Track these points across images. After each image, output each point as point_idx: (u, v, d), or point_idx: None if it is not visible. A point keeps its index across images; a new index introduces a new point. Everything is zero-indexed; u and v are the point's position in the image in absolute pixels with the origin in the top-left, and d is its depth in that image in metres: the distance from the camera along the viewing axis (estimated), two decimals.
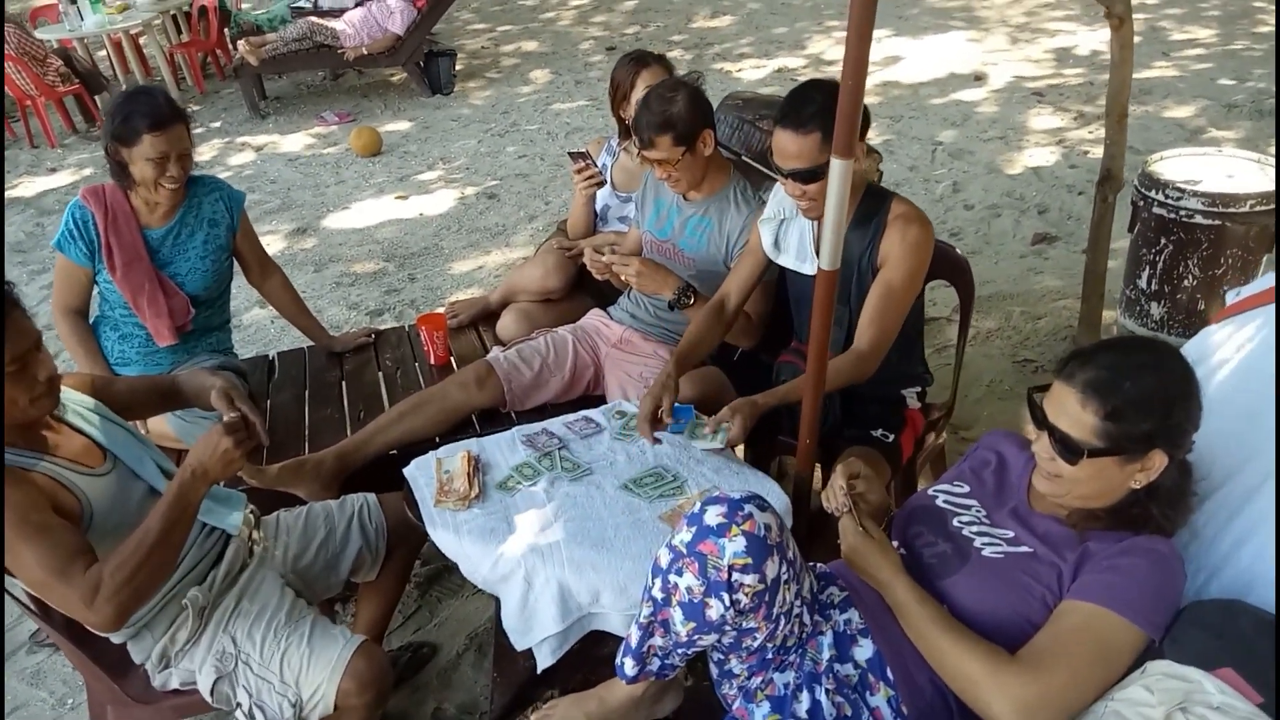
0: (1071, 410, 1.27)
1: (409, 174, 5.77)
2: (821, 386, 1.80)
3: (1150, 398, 1.25)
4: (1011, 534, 1.37)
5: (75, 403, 1.67)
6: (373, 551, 1.97)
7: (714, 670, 1.48)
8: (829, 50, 7.50)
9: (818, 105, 1.84)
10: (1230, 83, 5.73)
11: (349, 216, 5.19)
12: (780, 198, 2.10)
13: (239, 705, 1.62)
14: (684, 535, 1.26)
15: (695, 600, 1.24)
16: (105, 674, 1.61)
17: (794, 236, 2.12)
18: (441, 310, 2.85)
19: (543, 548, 1.73)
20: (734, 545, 1.22)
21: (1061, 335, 3.24)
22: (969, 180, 4.78)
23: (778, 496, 1.85)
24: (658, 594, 1.30)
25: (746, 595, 1.22)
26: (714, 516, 1.25)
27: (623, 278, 2.27)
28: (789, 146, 1.88)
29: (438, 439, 2.26)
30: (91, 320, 2.42)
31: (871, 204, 2.00)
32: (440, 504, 1.84)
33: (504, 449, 2.03)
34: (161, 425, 2.21)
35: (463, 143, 6.27)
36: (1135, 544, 1.28)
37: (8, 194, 5.91)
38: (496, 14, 9.75)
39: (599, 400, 2.44)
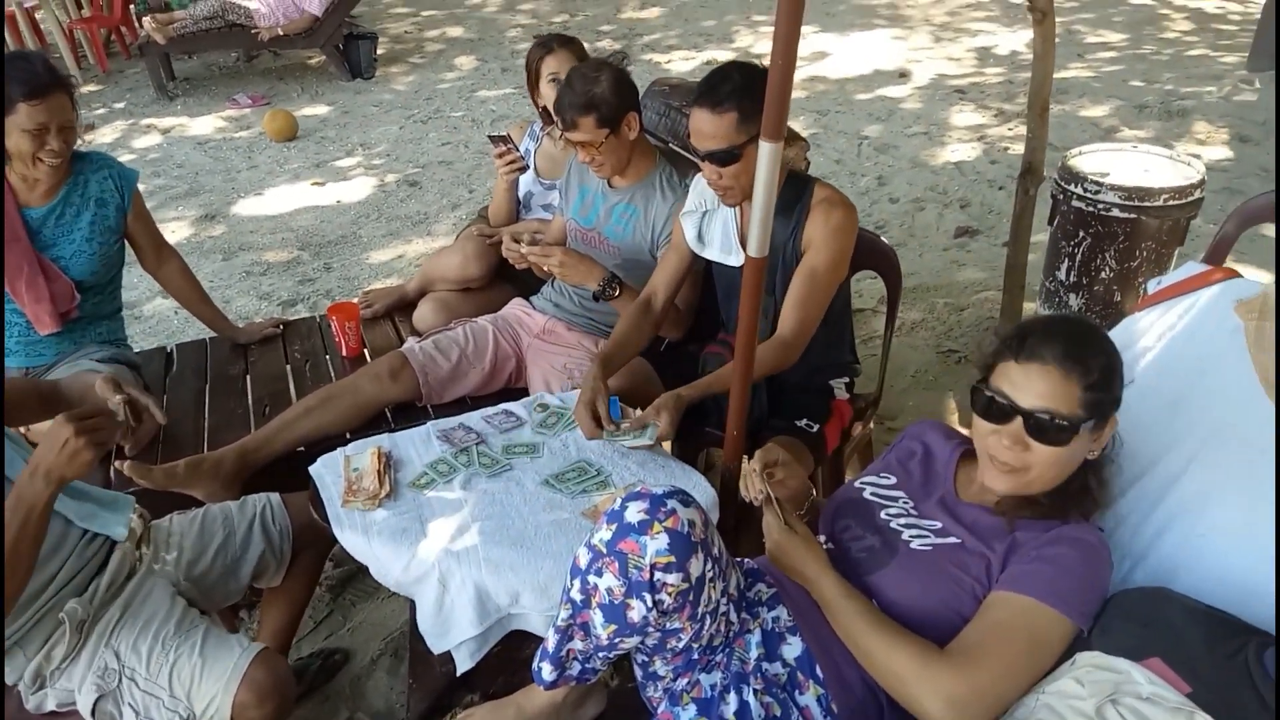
0: (1053, 387, 1.21)
1: (326, 160, 5.56)
2: (749, 377, 1.75)
3: (1112, 361, 1.25)
4: (939, 525, 1.34)
5: None
6: (277, 555, 1.85)
7: (638, 672, 1.41)
8: (757, 45, 7.52)
9: (735, 84, 1.79)
10: (1140, 84, 5.92)
11: (261, 203, 4.96)
12: (701, 189, 2.04)
13: None
14: (604, 534, 1.19)
15: (616, 602, 1.17)
16: None
17: (717, 228, 2.06)
18: (355, 300, 2.71)
19: (458, 549, 1.63)
20: (656, 543, 1.15)
21: (984, 326, 3.28)
22: (894, 174, 4.82)
23: (704, 490, 1.80)
24: (576, 596, 1.22)
25: (670, 595, 1.16)
26: (635, 513, 1.18)
27: (544, 268, 2.19)
28: (705, 126, 1.82)
29: (348, 435, 2.14)
30: None
31: (793, 190, 1.96)
32: (348, 504, 1.73)
33: (418, 445, 1.92)
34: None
35: (384, 129, 6.07)
36: (1063, 533, 1.26)
37: None
38: None
39: (520, 393, 2.35)
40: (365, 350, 2.53)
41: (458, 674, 1.63)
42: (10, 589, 1.36)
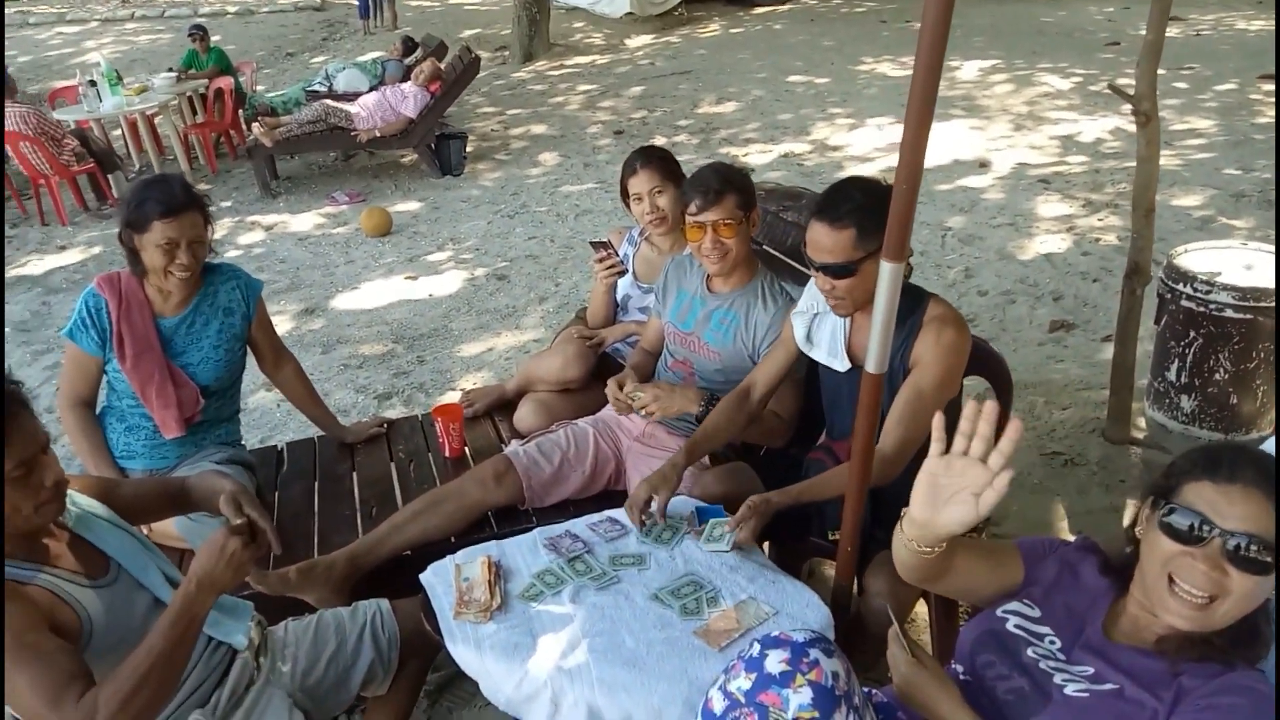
0: (1256, 511, 1.13)
1: (418, 254, 5.77)
2: (864, 492, 1.72)
3: None
4: (1091, 670, 1.27)
5: (80, 506, 1.58)
6: (385, 664, 1.85)
7: None
8: (833, 136, 7.62)
9: (855, 202, 1.84)
10: (1235, 172, 5.79)
11: (358, 297, 5.16)
12: (814, 291, 2.05)
13: None
14: (742, 681, 1.16)
15: None
16: None
17: (826, 331, 2.07)
18: (456, 401, 2.77)
19: (570, 667, 1.62)
20: (799, 697, 1.11)
21: (1089, 428, 3.16)
22: (981, 266, 4.77)
23: (817, 608, 1.75)
24: None
25: None
26: (776, 663, 1.15)
27: (640, 410, 2.21)
28: (823, 240, 1.86)
29: (453, 538, 2.17)
30: (97, 411, 2.34)
31: (907, 303, 1.95)
32: (460, 616, 1.73)
33: (525, 553, 1.93)
34: (167, 525, 2.11)
35: (472, 223, 6.30)
36: (1233, 681, 1.18)
37: (16, 272, 5.90)
38: (506, 98, 9.95)
39: (620, 496, 2.35)
40: (467, 450, 2.57)
41: None
42: (163, 695, 1.39)
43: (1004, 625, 1.40)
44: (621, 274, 2.72)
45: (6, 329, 5.00)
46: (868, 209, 1.81)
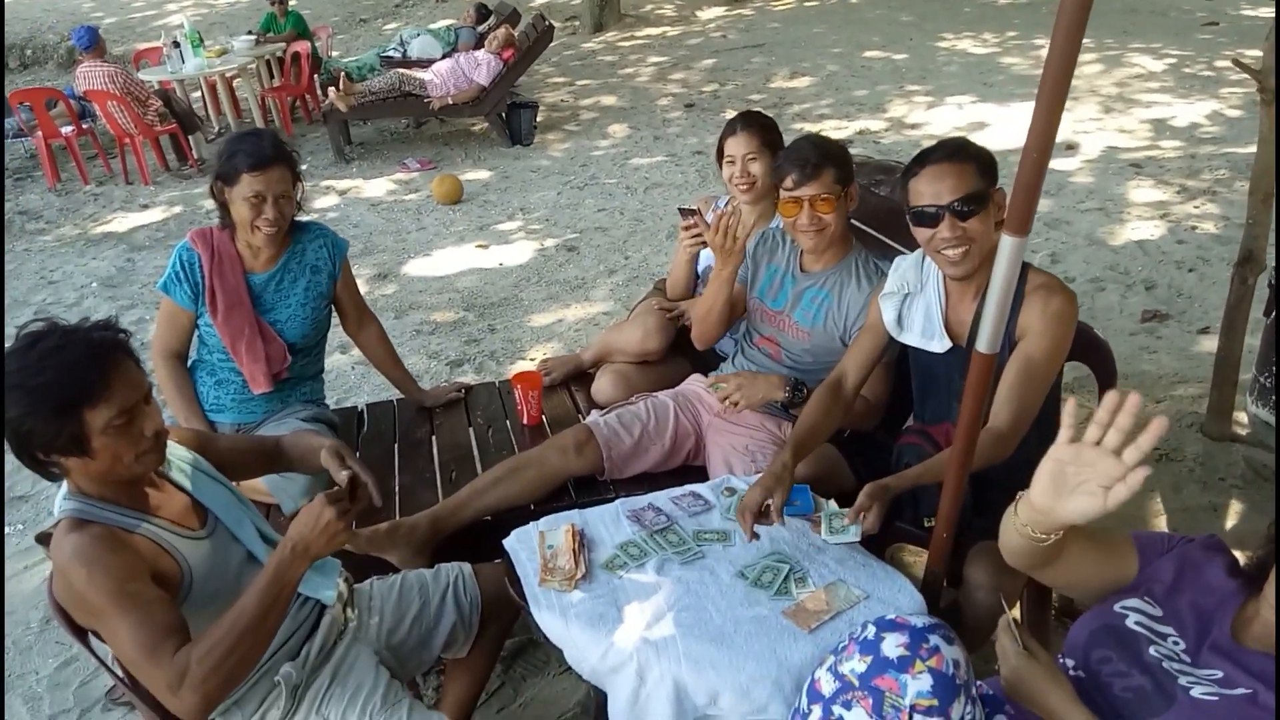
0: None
1: (489, 223, 5.78)
2: (965, 476, 1.66)
3: None
4: (1220, 674, 1.20)
5: (178, 458, 1.60)
6: (466, 627, 1.85)
7: None
8: (911, 114, 7.42)
9: (966, 144, 1.82)
10: None
11: (430, 264, 5.19)
12: (902, 271, 1.98)
13: None
14: (855, 664, 1.12)
15: None
16: None
17: (919, 312, 1.99)
18: (535, 369, 2.76)
19: (657, 640, 1.59)
20: (919, 684, 1.07)
21: (1187, 423, 3.03)
22: (1068, 251, 4.60)
23: (910, 595, 1.70)
24: None
25: None
26: (894, 647, 1.10)
27: (724, 401, 2.17)
28: (948, 176, 1.77)
29: (533, 506, 2.16)
30: (188, 364, 2.38)
31: None
32: (545, 583, 1.72)
33: (608, 523, 1.91)
34: (254, 480, 2.13)
35: (542, 194, 6.28)
36: None
37: (102, 229, 6.07)
38: (576, 69, 9.89)
39: (699, 471, 2.32)
40: (544, 418, 2.55)
41: None
42: (255, 655, 1.41)
43: (1123, 621, 1.33)
44: (705, 244, 2.66)
45: (93, 284, 5.15)
46: (979, 156, 1.79)
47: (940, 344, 1.95)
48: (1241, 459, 2.81)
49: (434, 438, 2.51)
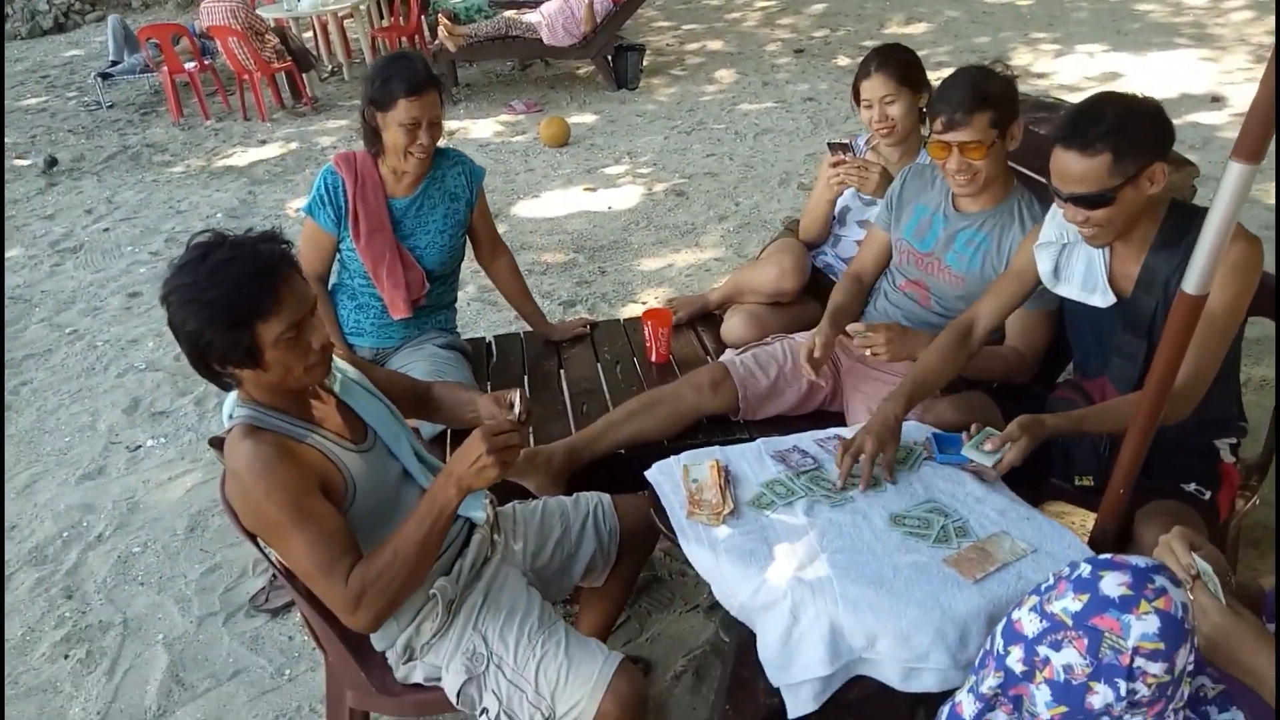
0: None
1: (596, 166, 5.73)
2: (1152, 429, 1.54)
3: None
4: None
5: (341, 370, 1.61)
6: (605, 555, 1.84)
7: None
8: (1037, 63, 7.02)
9: (1109, 123, 1.59)
10: None
11: (538, 205, 5.18)
12: (1060, 220, 1.84)
13: (484, 711, 1.51)
14: (1069, 602, 1.04)
15: (1076, 682, 1.02)
16: (352, 657, 1.53)
17: (1080, 264, 1.84)
18: (666, 307, 2.71)
19: (812, 579, 1.54)
20: (1144, 625, 0.99)
21: None
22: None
23: (1080, 550, 1.61)
24: (1016, 665, 1.08)
25: (1149, 686, 0.99)
26: (1114, 586, 1.02)
27: (869, 354, 2.06)
28: (1073, 168, 1.62)
29: (666, 441, 2.13)
30: (330, 287, 2.41)
31: (1179, 222, 1.72)
32: (693, 515, 1.68)
33: (751, 462, 1.86)
34: None
35: (649, 138, 6.19)
36: None
37: (224, 163, 6.25)
38: (682, 13, 9.68)
39: (835, 417, 2.25)
40: (671, 358, 2.51)
41: (790, 715, 1.53)
42: (419, 578, 1.45)
43: None
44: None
45: (218, 214, 5.32)
46: (1125, 128, 1.58)
47: (1103, 298, 1.81)
48: None
49: (562, 371, 2.50)
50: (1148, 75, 6.45)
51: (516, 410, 1.59)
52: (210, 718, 2.03)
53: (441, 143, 2.27)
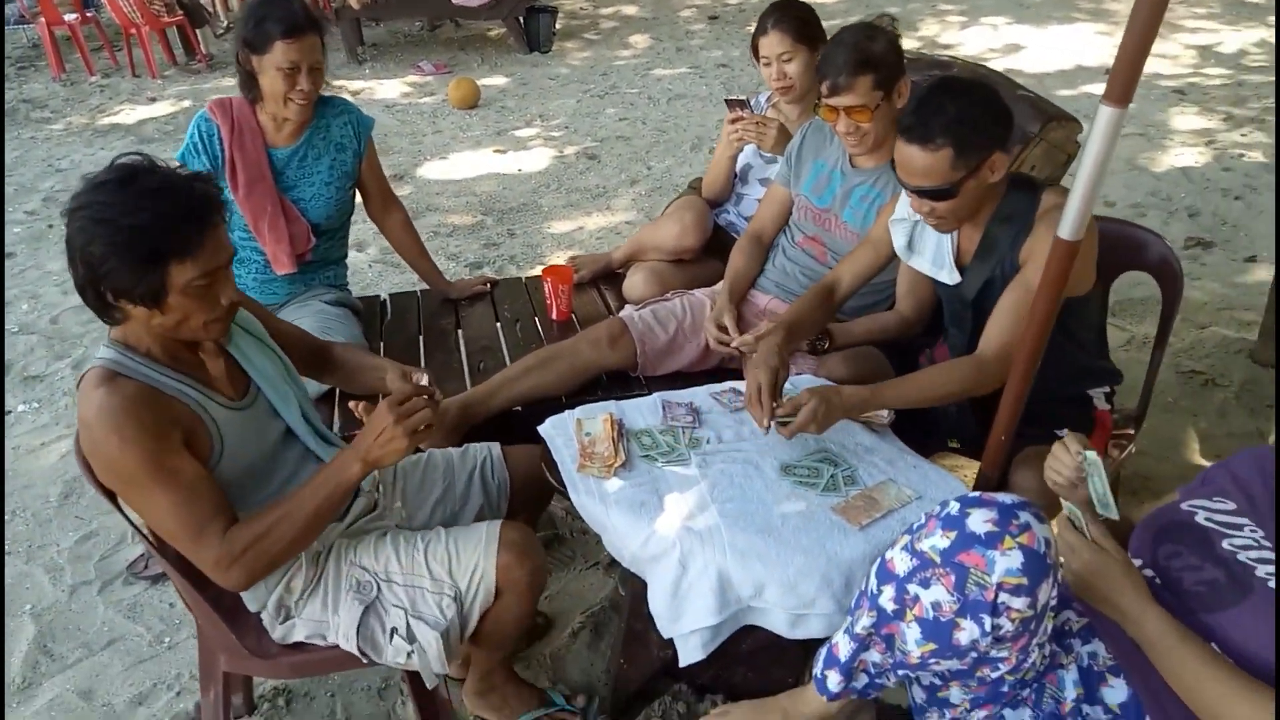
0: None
1: (506, 129, 5.61)
2: (1029, 378, 1.57)
3: None
4: None
5: (239, 321, 1.52)
6: (493, 508, 1.79)
7: (919, 694, 1.27)
8: (943, 34, 7.16)
9: (949, 116, 1.58)
10: None
11: (446, 167, 5.04)
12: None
13: (394, 631, 1.45)
14: (938, 540, 1.05)
15: (943, 619, 1.02)
16: (223, 621, 1.45)
17: (930, 241, 1.86)
18: (567, 263, 2.66)
19: (701, 529, 1.53)
20: (1008, 561, 0.99)
21: (1233, 348, 2.93)
22: (1109, 177, 4.44)
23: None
24: (887, 604, 1.08)
25: (1012, 621, 1.01)
26: (981, 522, 1.02)
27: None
28: (915, 162, 1.61)
29: (564, 398, 2.09)
30: None
31: (1021, 197, 1.73)
32: (584, 469, 1.65)
33: (645, 415, 1.83)
34: None
35: (561, 101, 6.09)
36: None
37: (110, 120, 5.89)
38: None
39: (734, 373, 2.24)
40: (574, 316, 2.47)
41: (680, 664, 1.53)
42: (303, 546, 1.41)
43: (1192, 518, 1.26)
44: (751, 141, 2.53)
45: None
46: (965, 122, 1.57)
47: (950, 276, 1.83)
48: None
49: (460, 330, 2.43)
50: (1047, 47, 6.64)
51: (425, 382, 1.52)
52: (81, 688, 1.92)
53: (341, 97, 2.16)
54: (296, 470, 1.51)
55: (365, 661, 1.49)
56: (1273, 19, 6.91)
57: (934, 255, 1.86)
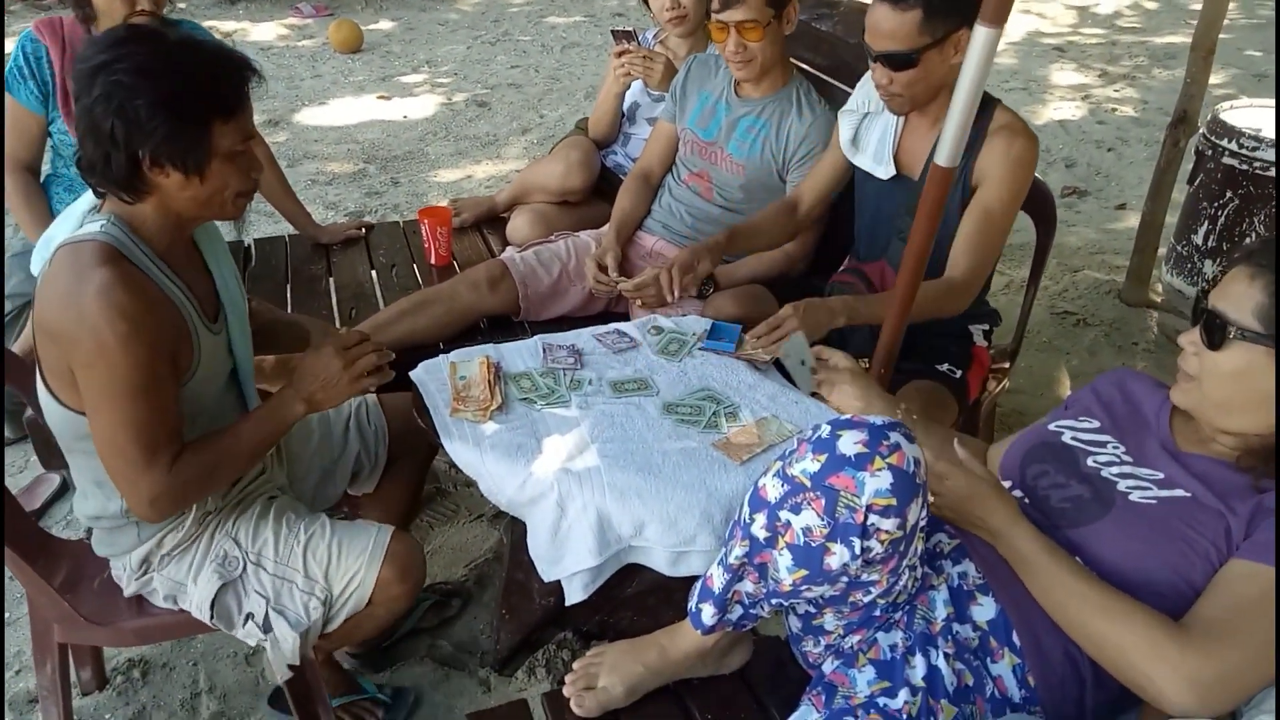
0: (1237, 288, 1.08)
1: (392, 75, 5.36)
2: (908, 309, 1.57)
3: None
4: (1161, 475, 1.16)
5: (212, 232, 1.40)
6: (372, 458, 1.71)
7: (795, 623, 1.25)
8: None
9: None
10: (1257, 54, 5.57)
11: (326, 113, 4.78)
12: (868, 89, 1.83)
13: (249, 616, 1.36)
14: (808, 464, 1.01)
15: (814, 544, 1.00)
16: (53, 588, 1.32)
17: (874, 134, 1.86)
18: (446, 205, 2.54)
19: (579, 470, 1.47)
20: (877, 481, 0.97)
21: (1104, 289, 3.05)
22: None
23: None
24: (760, 532, 1.05)
25: (881, 543, 0.98)
26: (851, 444, 1.00)
27: (639, 303, 1.98)
28: (883, 23, 1.61)
29: (442, 344, 1.99)
30: (42, 179, 2.07)
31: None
32: (457, 413, 1.57)
33: (525, 358, 1.76)
34: None
35: (450, 47, 5.85)
36: None
37: None
38: None
39: (622, 317, 2.18)
40: (454, 260, 2.36)
41: (566, 604, 1.48)
42: (222, 486, 1.37)
43: (1058, 438, 1.28)
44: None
45: None
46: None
47: (886, 170, 1.83)
48: (1155, 324, 2.85)
49: (330, 277, 2.29)
50: None
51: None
52: None
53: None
54: (227, 417, 1.40)
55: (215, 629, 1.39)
56: None
57: (875, 150, 1.85)
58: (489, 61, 5.61)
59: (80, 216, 1.24)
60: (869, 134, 1.84)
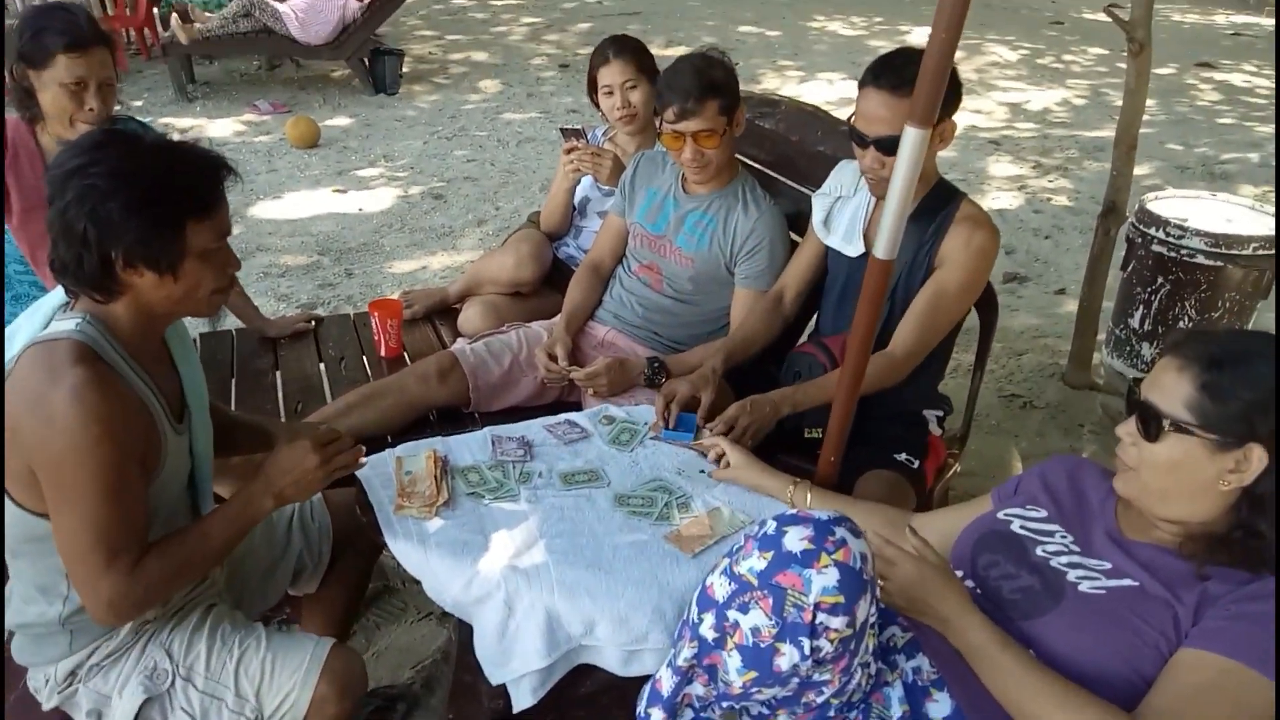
0: (1167, 380, 1.11)
1: (348, 169, 5.41)
2: (857, 392, 1.58)
3: (1258, 381, 1.07)
4: (1109, 564, 1.16)
5: (180, 331, 1.38)
6: (315, 557, 1.65)
7: None
8: (784, 87, 7.48)
9: (919, 71, 1.66)
10: (1177, 148, 5.88)
11: (280, 206, 4.79)
12: (842, 176, 1.91)
13: None
14: (754, 561, 1.00)
15: (763, 645, 0.97)
16: None
17: (845, 215, 1.94)
18: (396, 297, 2.53)
19: (527, 567, 1.44)
20: (824, 579, 0.96)
21: (1048, 373, 3.12)
22: None
23: None
24: (708, 633, 1.03)
25: (831, 642, 0.96)
26: (797, 541, 0.98)
27: (591, 392, 2.03)
28: (881, 109, 1.67)
29: (390, 438, 1.95)
30: None
31: (939, 198, 1.82)
32: (402, 510, 1.53)
33: (474, 451, 1.73)
34: None
35: (407, 143, 5.94)
36: (1266, 587, 1.08)
37: None
38: (446, 23, 9.48)
39: (574, 406, 2.17)
40: (405, 353, 2.34)
41: (514, 711, 1.42)
42: (189, 582, 1.33)
43: (1007, 527, 1.28)
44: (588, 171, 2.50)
45: None
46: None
47: (855, 248, 1.89)
48: (1099, 406, 2.92)
49: (278, 371, 2.26)
50: None
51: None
52: None
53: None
54: (180, 519, 1.36)
55: None
56: (1071, 82, 7.63)
57: (846, 230, 1.91)
58: (445, 156, 5.70)
59: (48, 313, 1.23)
60: (840, 216, 1.91)
